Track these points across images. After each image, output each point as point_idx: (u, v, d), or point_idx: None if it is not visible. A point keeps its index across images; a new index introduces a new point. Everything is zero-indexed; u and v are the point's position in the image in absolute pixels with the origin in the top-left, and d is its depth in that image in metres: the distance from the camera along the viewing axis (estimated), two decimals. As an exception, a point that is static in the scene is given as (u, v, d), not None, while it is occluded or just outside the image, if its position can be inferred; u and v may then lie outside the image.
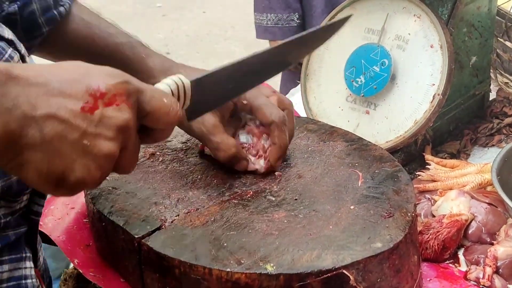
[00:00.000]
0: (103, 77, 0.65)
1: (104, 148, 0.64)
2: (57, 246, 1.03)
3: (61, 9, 1.05)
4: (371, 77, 1.26)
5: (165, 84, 0.76)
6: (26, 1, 0.99)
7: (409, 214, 0.91)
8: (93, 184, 0.66)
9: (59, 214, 1.08)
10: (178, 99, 0.76)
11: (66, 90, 0.63)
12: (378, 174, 1.01)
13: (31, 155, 0.62)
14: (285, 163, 1.04)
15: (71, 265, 1.05)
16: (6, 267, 0.80)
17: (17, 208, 0.81)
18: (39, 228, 1.03)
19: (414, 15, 1.25)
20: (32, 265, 0.85)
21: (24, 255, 0.83)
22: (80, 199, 1.10)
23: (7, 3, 0.97)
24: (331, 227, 0.88)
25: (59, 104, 0.62)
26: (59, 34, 1.06)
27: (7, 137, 0.61)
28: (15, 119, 0.61)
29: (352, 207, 0.93)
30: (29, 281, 0.83)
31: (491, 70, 1.50)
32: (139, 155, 1.05)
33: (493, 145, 1.36)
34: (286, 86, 2.26)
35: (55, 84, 0.63)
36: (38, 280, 0.85)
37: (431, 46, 1.23)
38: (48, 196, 0.89)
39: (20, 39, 0.82)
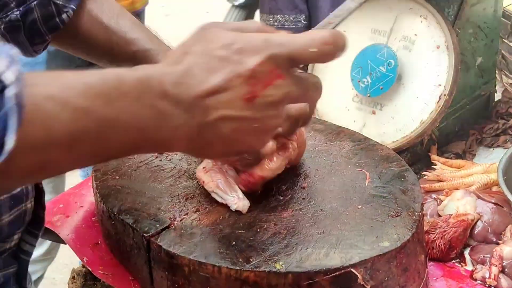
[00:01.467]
0: (247, 59, 0.65)
1: (273, 124, 0.70)
2: (65, 244, 1.04)
3: (64, 16, 1.01)
4: (378, 78, 1.27)
5: None
6: (27, 9, 0.99)
7: (416, 214, 0.92)
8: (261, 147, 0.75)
9: (68, 212, 1.09)
10: None
11: (224, 87, 0.65)
12: (385, 173, 1.01)
13: (213, 147, 0.69)
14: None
15: (80, 263, 1.06)
16: None
17: (6, 247, 0.78)
18: (48, 226, 1.04)
19: (421, 16, 1.26)
20: None
21: None
22: (89, 197, 1.11)
23: (12, 8, 0.98)
24: (339, 226, 0.89)
25: (225, 104, 0.65)
26: (69, 35, 1.05)
27: (191, 144, 0.67)
28: (194, 128, 0.65)
29: (359, 206, 0.93)
30: None
31: (496, 71, 1.50)
32: (148, 156, 1.06)
33: (498, 146, 1.37)
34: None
35: (212, 85, 0.65)
36: None
37: (437, 47, 1.23)
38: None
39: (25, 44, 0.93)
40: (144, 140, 0.64)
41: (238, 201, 0.92)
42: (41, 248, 2.21)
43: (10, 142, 0.52)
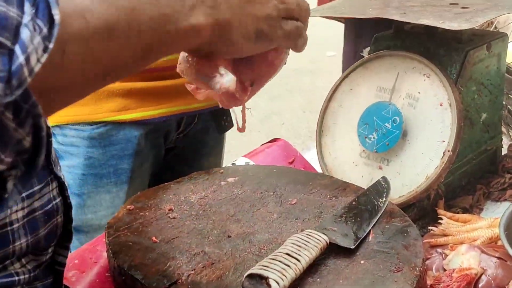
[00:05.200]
0: None
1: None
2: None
3: None
4: (384, 134, 1.30)
5: None
6: None
7: (417, 269, 0.94)
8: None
9: (83, 268, 1.12)
10: None
11: None
12: (388, 229, 1.04)
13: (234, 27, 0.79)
14: (297, 219, 1.08)
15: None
16: None
17: (43, 260, 0.84)
18: (64, 282, 1.08)
19: (424, 74, 1.30)
20: None
21: None
22: (103, 253, 1.14)
23: None
24: (341, 281, 0.91)
25: None
26: None
27: (215, 28, 0.77)
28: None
29: (362, 261, 0.96)
30: None
31: (503, 126, 1.53)
32: (159, 212, 1.10)
33: (505, 200, 1.39)
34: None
35: None
36: None
37: (441, 104, 1.27)
38: (71, 250, 0.93)
39: None
40: (168, 25, 0.69)
41: (220, 78, 0.85)
42: None
43: (57, 14, 0.57)
